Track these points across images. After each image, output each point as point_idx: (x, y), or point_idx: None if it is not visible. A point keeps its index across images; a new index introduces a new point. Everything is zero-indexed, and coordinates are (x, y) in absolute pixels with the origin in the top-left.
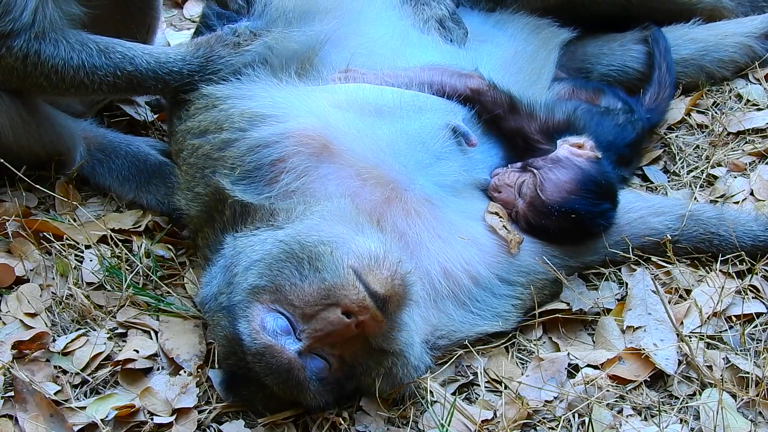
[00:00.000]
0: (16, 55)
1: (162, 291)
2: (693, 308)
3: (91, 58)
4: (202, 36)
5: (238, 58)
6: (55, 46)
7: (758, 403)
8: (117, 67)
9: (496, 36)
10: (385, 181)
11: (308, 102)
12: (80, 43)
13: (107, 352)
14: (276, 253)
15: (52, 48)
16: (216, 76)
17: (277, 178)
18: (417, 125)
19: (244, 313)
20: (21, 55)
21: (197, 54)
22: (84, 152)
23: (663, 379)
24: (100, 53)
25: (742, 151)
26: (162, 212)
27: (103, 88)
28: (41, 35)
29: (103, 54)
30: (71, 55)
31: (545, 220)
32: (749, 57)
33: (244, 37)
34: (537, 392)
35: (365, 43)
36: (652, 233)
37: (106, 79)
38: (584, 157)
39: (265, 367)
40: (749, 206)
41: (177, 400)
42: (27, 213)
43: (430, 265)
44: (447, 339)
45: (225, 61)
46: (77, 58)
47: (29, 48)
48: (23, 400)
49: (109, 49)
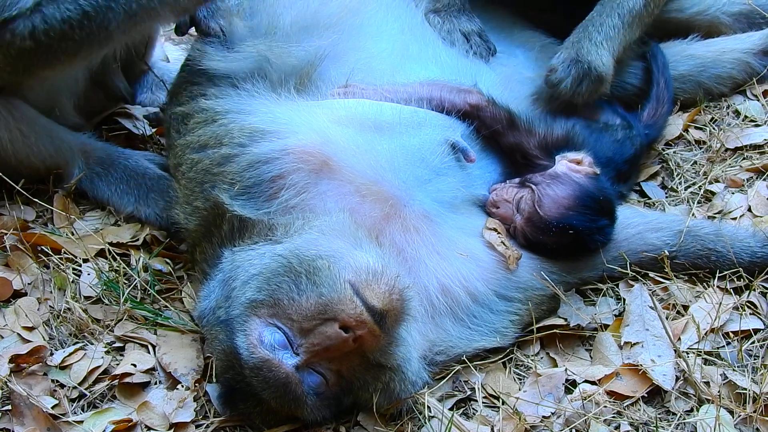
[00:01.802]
0: (22, 36)
1: (160, 305)
2: (690, 324)
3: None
4: None
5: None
6: (55, 4)
7: (755, 420)
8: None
9: (497, 53)
10: (384, 197)
11: (308, 118)
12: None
13: (105, 366)
14: (274, 267)
15: (52, 9)
16: None
17: (277, 195)
18: (416, 141)
19: (242, 327)
20: (27, 33)
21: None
22: (82, 166)
23: (660, 395)
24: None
25: (739, 167)
26: (160, 226)
27: (119, 18)
28: (37, 8)
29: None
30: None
31: (543, 235)
32: (747, 73)
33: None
34: (534, 408)
35: (364, 58)
36: (649, 249)
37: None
38: (582, 173)
39: (263, 382)
40: (747, 222)
41: (174, 414)
42: (25, 226)
43: (428, 281)
44: (445, 354)
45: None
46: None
47: (33, 21)
48: (20, 414)
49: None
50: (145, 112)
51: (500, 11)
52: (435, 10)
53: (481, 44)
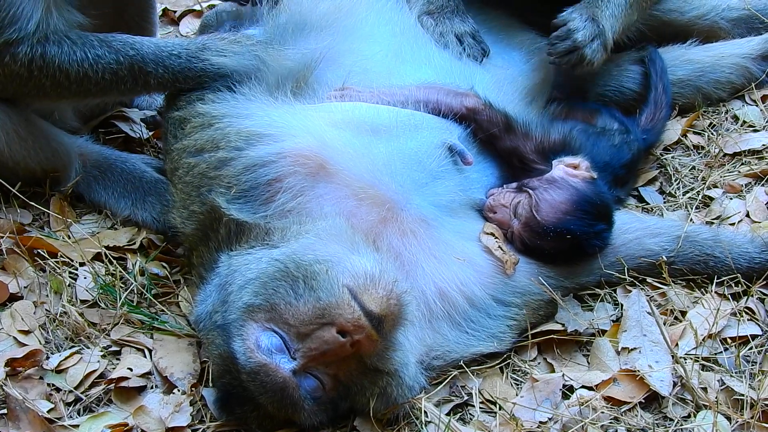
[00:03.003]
0: (21, 61)
1: (156, 309)
2: (688, 330)
3: (93, 49)
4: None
5: (232, 56)
6: (59, 46)
7: (753, 426)
8: (119, 52)
9: (492, 55)
10: (381, 201)
11: (304, 121)
12: (81, 38)
13: (101, 370)
14: (271, 271)
15: (56, 48)
16: (212, 66)
17: (274, 198)
18: (413, 144)
19: (239, 332)
20: (26, 61)
21: (195, 41)
22: (79, 169)
23: (658, 401)
24: (102, 43)
25: (738, 173)
26: (157, 230)
27: (106, 78)
28: (44, 39)
29: (105, 43)
30: (74, 49)
31: (541, 240)
32: (746, 78)
33: (243, 37)
34: (532, 413)
35: (360, 60)
36: (647, 254)
37: (109, 67)
38: (580, 178)
39: (260, 386)
40: (745, 228)
41: (170, 418)
42: (21, 230)
43: (425, 285)
44: (442, 359)
45: (221, 50)
46: (80, 51)
47: (33, 53)
48: (16, 418)
49: (109, 39)
50: (142, 115)
51: (495, 12)
52: (428, 12)
53: (474, 45)
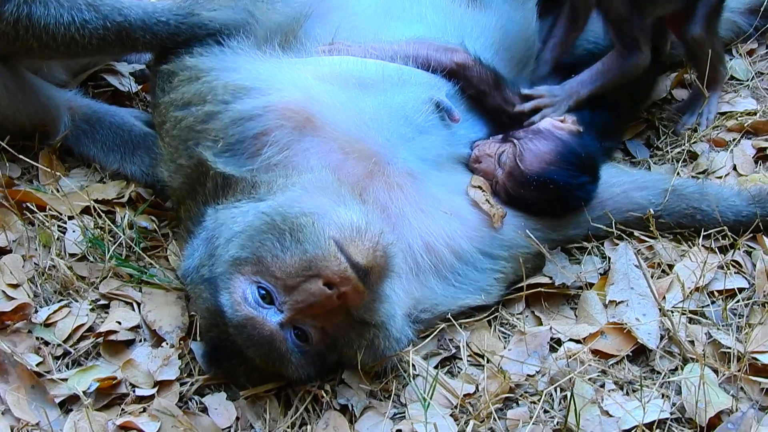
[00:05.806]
0: (7, 20)
1: (145, 262)
2: (675, 283)
3: (80, 13)
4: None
5: (220, 13)
6: (45, 7)
7: (740, 379)
8: (106, 18)
9: (482, 12)
10: (367, 154)
11: (291, 74)
12: (69, 0)
13: (89, 323)
14: (257, 224)
15: (42, 9)
16: (200, 29)
17: (260, 151)
18: (400, 99)
19: (226, 285)
20: (12, 20)
21: (183, 5)
22: (68, 122)
23: (645, 354)
24: (89, 7)
25: (723, 127)
26: (146, 183)
27: (93, 43)
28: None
29: (92, 7)
30: (61, 12)
31: (524, 190)
32: (734, 32)
33: None
34: (519, 366)
35: (349, 16)
36: (635, 208)
37: (96, 33)
38: (566, 130)
39: (247, 339)
40: (732, 181)
41: (159, 372)
42: (10, 183)
43: (412, 238)
44: (429, 312)
45: (208, 13)
46: (67, 14)
47: (20, 12)
48: (5, 372)
49: (97, 3)
50: (131, 69)
51: None
52: None
53: None
